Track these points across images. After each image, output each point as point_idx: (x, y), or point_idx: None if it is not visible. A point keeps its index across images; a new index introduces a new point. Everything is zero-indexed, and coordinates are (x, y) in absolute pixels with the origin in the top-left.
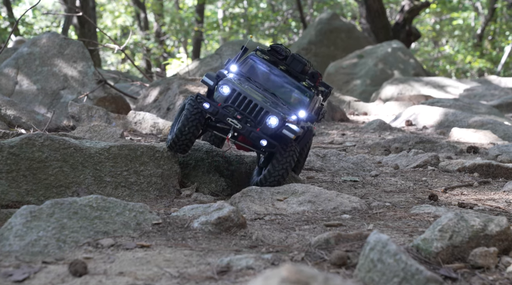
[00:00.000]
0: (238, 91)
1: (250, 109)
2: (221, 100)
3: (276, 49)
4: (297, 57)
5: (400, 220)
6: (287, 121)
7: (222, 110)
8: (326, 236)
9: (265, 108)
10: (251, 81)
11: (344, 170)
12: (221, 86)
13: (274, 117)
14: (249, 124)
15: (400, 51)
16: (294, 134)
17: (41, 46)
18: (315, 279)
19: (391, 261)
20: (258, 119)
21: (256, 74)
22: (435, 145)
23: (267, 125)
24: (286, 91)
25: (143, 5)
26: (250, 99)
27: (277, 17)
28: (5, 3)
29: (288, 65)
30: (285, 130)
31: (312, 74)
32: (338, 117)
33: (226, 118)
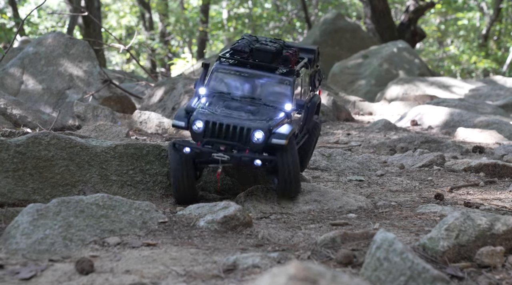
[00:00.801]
0: (212, 120)
1: (231, 134)
2: (199, 137)
3: (237, 49)
4: (262, 48)
5: (406, 219)
6: (273, 127)
7: (203, 148)
8: (332, 235)
9: (245, 126)
10: (225, 96)
11: (350, 169)
12: (193, 123)
13: (258, 132)
14: (235, 149)
15: (405, 51)
16: (285, 139)
17: (46, 46)
18: (323, 276)
19: (398, 260)
20: (243, 140)
21: (228, 84)
22: (440, 145)
23: (255, 142)
24: (264, 89)
25: (148, 5)
26: (226, 123)
27: (281, 17)
28: (11, 3)
29: (255, 59)
30: (273, 138)
31: (284, 58)
32: (343, 117)
33: (211, 155)
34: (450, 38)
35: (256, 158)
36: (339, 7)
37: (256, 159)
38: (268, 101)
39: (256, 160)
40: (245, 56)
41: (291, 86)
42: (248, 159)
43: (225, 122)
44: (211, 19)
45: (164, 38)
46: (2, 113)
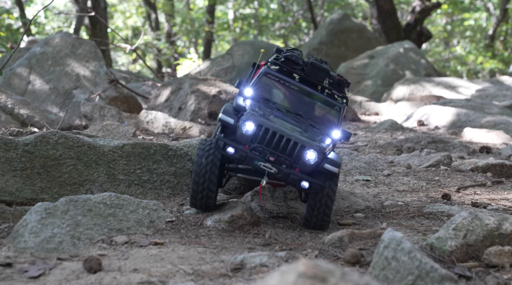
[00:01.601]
0: (266, 126)
1: (283, 146)
2: (246, 140)
3: (291, 59)
4: (318, 65)
5: (413, 219)
6: (325, 150)
7: (250, 154)
8: (340, 234)
9: (300, 142)
10: (271, 105)
11: (356, 169)
12: (244, 123)
13: (311, 151)
14: (284, 165)
15: (411, 51)
16: (338, 167)
17: (53, 46)
18: (332, 274)
19: (406, 259)
20: (294, 156)
21: (274, 93)
22: (447, 145)
23: (306, 162)
24: (312, 109)
25: (154, 5)
26: (281, 134)
27: (287, 17)
28: (18, 3)
29: (308, 75)
30: (327, 164)
31: (338, 82)
32: (349, 117)
33: (258, 163)
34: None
35: (305, 180)
36: (345, 8)
37: (304, 180)
38: (315, 124)
39: (304, 181)
40: (297, 68)
41: (341, 113)
42: (297, 179)
43: (279, 132)
44: (217, 19)
45: (170, 39)
46: (10, 113)
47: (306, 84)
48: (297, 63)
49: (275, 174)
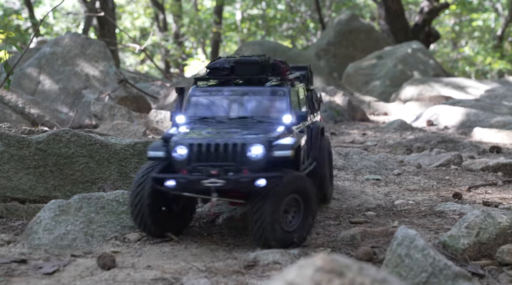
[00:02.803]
0: (197, 142)
1: (222, 154)
2: (184, 165)
3: (215, 67)
4: (245, 60)
5: (425, 218)
6: (273, 140)
7: (191, 177)
8: (352, 232)
9: (239, 142)
10: (209, 121)
11: (367, 168)
12: (174, 150)
13: (255, 146)
14: (231, 172)
15: (420, 51)
16: (291, 149)
17: (63, 46)
18: (350, 268)
19: (419, 256)
20: (239, 159)
21: (210, 108)
22: (457, 145)
23: (253, 159)
24: (256, 105)
25: (162, 6)
26: (215, 143)
27: (295, 18)
28: (27, 4)
29: (239, 74)
30: (276, 151)
31: (272, 66)
32: (358, 117)
33: (201, 183)
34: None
35: (259, 178)
36: (353, 8)
37: (259, 178)
38: (263, 118)
39: (258, 179)
40: (225, 74)
41: (286, 96)
42: (249, 180)
43: (213, 141)
44: (225, 20)
45: (178, 39)
46: (21, 112)
47: (242, 83)
48: (222, 68)
49: (224, 186)
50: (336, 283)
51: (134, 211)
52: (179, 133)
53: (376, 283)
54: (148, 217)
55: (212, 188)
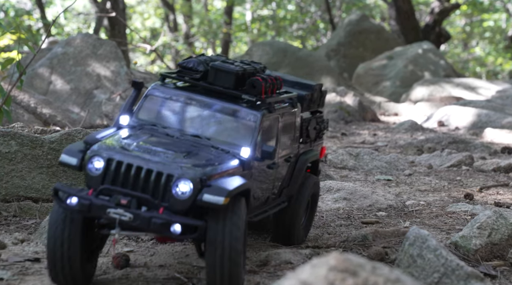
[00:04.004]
0: (117, 159)
1: (143, 181)
2: (96, 182)
3: (188, 67)
4: (222, 67)
5: (436, 218)
6: (211, 177)
7: (96, 200)
8: (364, 232)
9: (165, 171)
10: (157, 131)
11: (377, 169)
12: (90, 161)
13: (183, 182)
14: (145, 206)
15: (430, 52)
16: (224, 196)
17: (75, 46)
18: (363, 268)
19: (431, 257)
20: (160, 192)
21: (165, 114)
22: (468, 146)
23: (177, 197)
24: (216, 124)
25: (172, 6)
26: (138, 165)
27: (305, 18)
28: (38, 4)
29: (211, 82)
30: (206, 194)
31: (252, 83)
32: (369, 118)
33: (106, 212)
34: (476, 39)
35: (174, 222)
36: (363, 9)
37: (174, 223)
38: (219, 142)
39: (173, 224)
40: (197, 77)
41: (256, 123)
42: (161, 223)
43: (136, 162)
44: (235, 21)
45: (188, 40)
46: (33, 112)
47: (211, 94)
48: (196, 70)
49: (130, 222)
50: (350, 282)
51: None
52: (106, 139)
53: (390, 282)
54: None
55: (116, 221)
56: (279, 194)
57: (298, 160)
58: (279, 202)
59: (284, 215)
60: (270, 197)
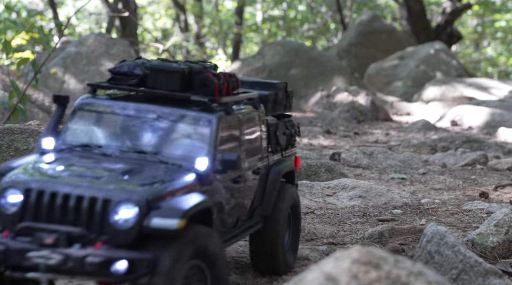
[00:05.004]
0: (39, 188)
1: (72, 211)
2: (13, 221)
3: (121, 72)
4: (164, 67)
5: (452, 216)
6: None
7: (13, 243)
8: (380, 229)
9: (100, 196)
10: (90, 152)
11: (391, 167)
12: (4, 195)
13: (124, 206)
14: (79, 243)
15: (442, 52)
16: (179, 218)
17: (88, 46)
18: (386, 261)
19: (449, 253)
20: (96, 223)
21: (98, 133)
22: (482, 145)
23: (118, 227)
24: (162, 135)
25: (183, 7)
26: (65, 192)
27: (316, 19)
28: (51, 5)
29: (152, 86)
30: (155, 218)
31: (203, 81)
32: (381, 117)
33: (27, 257)
34: (487, 39)
35: (116, 259)
36: (374, 9)
37: (116, 261)
38: (169, 155)
39: (114, 262)
40: (134, 82)
41: (212, 128)
42: (99, 261)
43: (62, 189)
44: (245, 21)
45: (199, 40)
46: (47, 111)
47: (153, 100)
48: (132, 74)
49: (59, 267)
50: (373, 275)
51: None
52: (23, 167)
53: (412, 275)
54: None
55: (42, 267)
56: (251, 214)
57: (270, 172)
58: (251, 224)
59: (262, 239)
60: (241, 219)
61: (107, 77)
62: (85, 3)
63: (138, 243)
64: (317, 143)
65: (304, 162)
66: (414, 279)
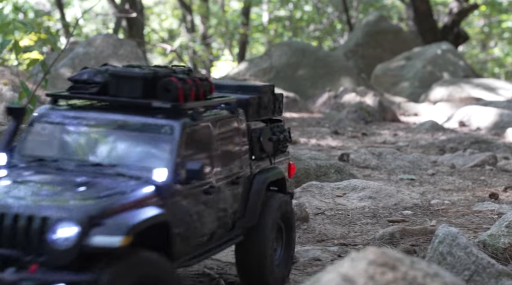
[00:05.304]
0: None
1: (8, 231)
2: None
3: (81, 80)
4: (125, 73)
5: (463, 217)
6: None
7: None
8: (391, 230)
9: (41, 213)
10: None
11: (400, 168)
12: None
13: (65, 224)
14: (13, 265)
15: (449, 53)
16: (122, 235)
17: (96, 47)
18: (402, 262)
19: (462, 254)
20: (33, 243)
21: (56, 145)
22: (490, 146)
23: (56, 248)
24: (121, 146)
25: (190, 7)
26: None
27: (322, 19)
28: (58, 6)
29: (113, 94)
30: (96, 236)
31: (165, 85)
32: (389, 118)
33: None
34: (494, 40)
35: (52, 282)
36: (380, 9)
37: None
38: (128, 167)
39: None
40: (95, 91)
41: (174, 136)
42: None
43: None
44: (252, 21)
45: (205, 41)
46: None
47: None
48: (92, 82)
49: None
50: (390, 276)
51: None
52: None
53: (428, 277)
54: None
55: None
56: (230, 227)
57: (254, 181)
58: (231, 236)
59: (247, 252)
60: (217, 232)
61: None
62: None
63: (84, 265)
64: (325, 143)
65: (314, 162)
66: (430, 280)
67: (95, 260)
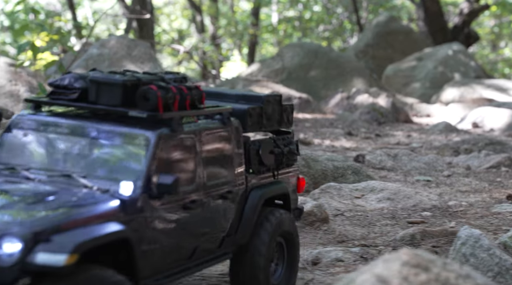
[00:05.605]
0: None
1: None
2: None
3: (62, 85)
4: (105, 79)
5: (482, 219)
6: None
7: None
8: (412, 232)
9: None
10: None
11: (416, 169)
12: None
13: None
14: None
15: (460, 53)
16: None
17: (110, 48)
18: (435, 263)
19: (485, 256)
20: None
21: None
22: (505, 147)
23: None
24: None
25: (199, 8)
26: None
27: (332, 20)
28: (70, 6)
29: (95, 101)
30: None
31: (143, 93)
32: (402, 119)
33: None
34: (505, 40)
35: None
36: (390, 10)
37: None
38: (97, 179)
39: None
40: (74, 97)
41: (148, 147)
42: None
43: None
44: (261, 22)
45: (215, 41)
46: None
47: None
48: (72, 88)
49: None
50: (423, 277)
51: None
52: None
53: (461, 278)
54: None
55: None
56: (218, 244)
57: (249, 196)
58: (217, 255)
59: (241, 271)
60: (200, 249)
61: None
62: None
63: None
64: (339, 144)
65: (331, 164)
66: (462, 281)
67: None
